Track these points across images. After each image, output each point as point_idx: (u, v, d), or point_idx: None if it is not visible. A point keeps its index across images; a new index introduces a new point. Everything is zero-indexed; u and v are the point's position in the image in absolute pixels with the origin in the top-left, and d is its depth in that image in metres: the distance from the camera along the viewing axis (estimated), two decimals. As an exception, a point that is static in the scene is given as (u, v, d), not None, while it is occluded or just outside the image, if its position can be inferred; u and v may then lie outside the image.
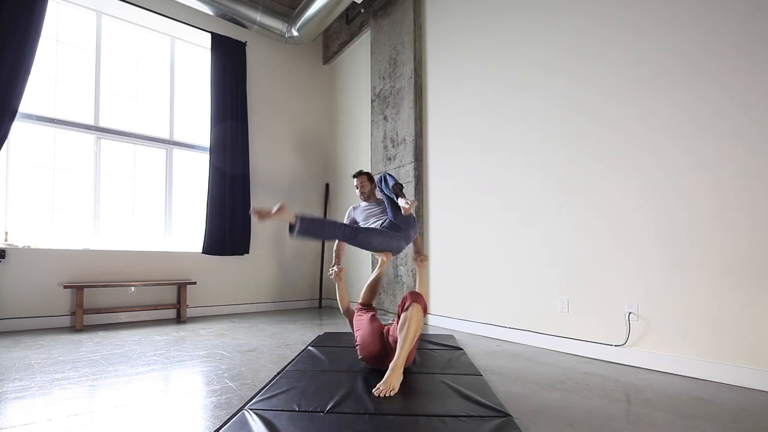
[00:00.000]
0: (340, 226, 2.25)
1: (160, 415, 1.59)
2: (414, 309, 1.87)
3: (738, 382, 2.01)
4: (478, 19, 3.53)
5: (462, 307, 3.56)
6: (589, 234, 2.66)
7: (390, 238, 2.37)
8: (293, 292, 5.18)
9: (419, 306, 1.89)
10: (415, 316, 1.86)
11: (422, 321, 1.90)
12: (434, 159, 3.92)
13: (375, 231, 2.34)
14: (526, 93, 3.10)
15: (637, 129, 2.44)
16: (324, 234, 2.28)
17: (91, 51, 4.10)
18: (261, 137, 5.01)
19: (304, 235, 2.15)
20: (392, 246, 2.40)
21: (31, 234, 3.70)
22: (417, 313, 1.87)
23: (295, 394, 1.71)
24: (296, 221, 2.05)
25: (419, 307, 1.88)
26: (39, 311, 3.53)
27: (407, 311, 1.89)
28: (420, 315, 1.88)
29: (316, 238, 2.33)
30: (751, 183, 2.02)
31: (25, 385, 1.96)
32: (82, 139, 3.99)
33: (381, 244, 2.35)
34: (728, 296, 2.07)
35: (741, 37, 2.07)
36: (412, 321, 1.85)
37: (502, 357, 2.60)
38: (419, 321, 1.87)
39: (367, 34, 4.90)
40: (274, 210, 2.00)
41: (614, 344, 2.49)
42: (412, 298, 1.92)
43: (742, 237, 2.03)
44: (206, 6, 4.37)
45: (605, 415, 1.62)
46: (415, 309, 1.87)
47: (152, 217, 4.37)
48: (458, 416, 1.50)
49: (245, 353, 2.65)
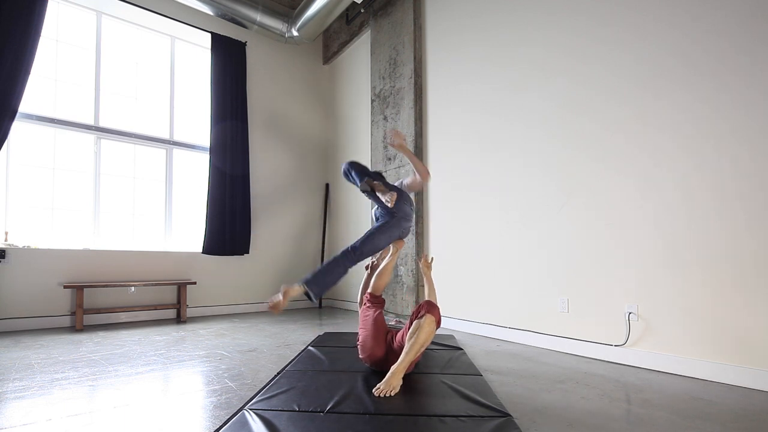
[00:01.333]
0: (341, 259, 2.23)
1: (160, 415, 1.59)
2: (427, 320, 1.83)
3: (738, 382, 2.01)
4: (478, 18, 3.53)
5: (462, 307, 3.56)
6: (589, 234, 2.66)
7: (391, 228, 2.30)
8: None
9: (433, 318, 1.85)
10: (427, 327, 1.82)
11: (433, 333, 1.86)
12: (434, 159, 3.92)
13: (373, 235, 2.29)
14: (526, 93, 3.10)
15: (637, 129, 2.44)
16: (335, 275, 2.24)
17: (91, 51, 4.10)
18: (261, 137, 5.01)
19: (323, 290, 2.18)
20: (398, 234, 2.34)
21: (31, 234, 3.70)
22: (430, 324, 1.83)
23: (295, 394, 1.71)
24: (306, 289, 2.13)
25: (433, 319, 1.84)
26: (39, 311, 3.53)
27: (421, 319, 1.85)
28: (432, 327, 1.84)
29: (334, 283, 2.25)
30: (752, 183, 2.02)
31: (25, 385, 1.96)
32: (82, 139, 3.99)
33: (387, 239, 2.31)
34: (728, 296, 2.07)
35: (741, 37, 2.07)
36: (423, 331, 1.82)
37: (502, 357, 2.60)
38: (430, 333, 1.84)
39: (367, 34, 4.91)
40: (281, 298, 2.09)
41: (614, 344, 2.49)
42: (428, 308, 1.88)
43: (742, 237, 2.03)
44: (206, 6, 4.37)
45: (605, 415, 1.62)
46: (428, 320, 1.83)
47: (152, 217, 4.37)
48: (458, 416, 1.50)
49: (245, 353, 2.65)
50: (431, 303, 1.91)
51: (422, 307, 1.89)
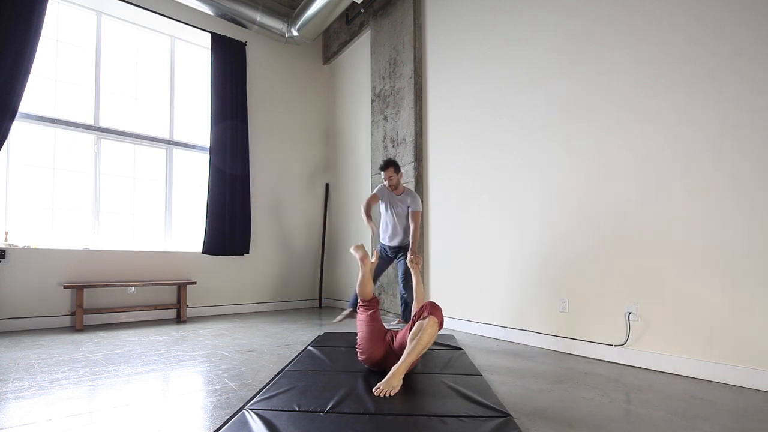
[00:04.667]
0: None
1: (160, 415, 1.59)
2: (430, 321, 1.83)
3: (738, 382, 2.01)
4: (478, 18, 3.53)
5: (462, 307, 3.56)
6: (589, 234, 2.66)
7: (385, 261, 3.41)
8: (293, 292, 5.18)
9: (436, 320, 1.85)
10: (429, 329, 1.82)
11: (435, 335, 1.86)
12: (434, 159, 3.92)
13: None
14: (526, 93, 3.10)
15: (637, 129, 2.44)
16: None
17: (91, 51, 4.09)
18: (261, 137, 5.01)
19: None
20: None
21: (31, 234, 3.70)
22: (432, 326, 1.83)
23: (295, 394, 1.71)
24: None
25: (435, 321, 1.85)
26: (39, 311, 3.53)
27: (424, 321, 1.85)
28: (435, 329, 1.84)
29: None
30: (750, 183, 2.02)
31: (25, 385, 1.96)
32: (82, 139, 3.99)
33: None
34: (728, 296, 2.07)
35: (742, 36, 2.07)
36: (425, 333, 1.82)
37: (502, 357, 2.60)
38: (432, 335, 1.84)
39: (367, 34, 4.90)
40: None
41: (614, 344, 2.49)
42: (431, 310, 1.88)
43: (742, 237, 2.03)
44: (206, 6, 4.37)
45: (605, 415, 1.62)
46: (431, 322, 1.83)
47: (152, 217, 4.37)
48: (458, 416, 1.50)
49: (245, 353, 2.65)
50: (434, 305, 1.91)
51: (425, 308, 1.89)
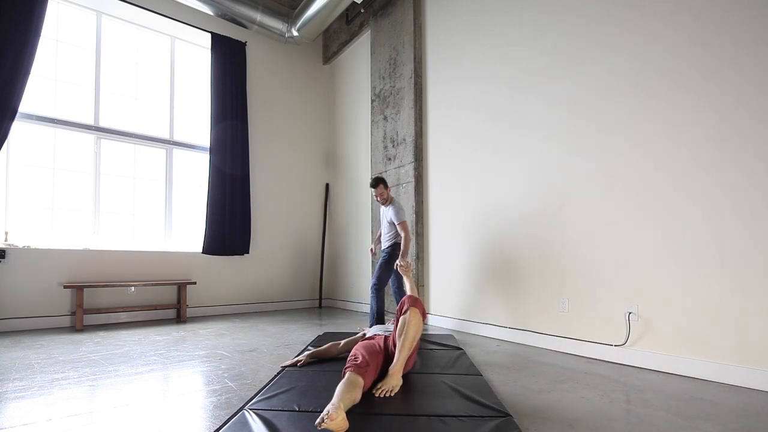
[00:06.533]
0: (380, 302, 3.27)
1: (160, 415, 1.59)
2: (412, 313, 1.88)
3: (738, 382, 2.01)
4: (478, 18, 3.53)
5: (462, 307, 3.56)
6: (589, 234, 2.66)
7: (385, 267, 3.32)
8: (293, 292, 5.18)
9: (417, 311, 1.89)
10: (413, 320, 1.86)
11: (421, 325, 1.90)
12: (434, 159, 3.92)
13: (382, 270, 3.32)
14: (526, 93, 3.10)
15: (637, 130, 2.44)
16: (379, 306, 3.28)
17: (91, 51, 4.10)
18: (261, 137, 5.01)
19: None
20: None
21: (31, 234, 3.70)
22: (415, 316, 1.87)
23: (295, 394, 1.71)
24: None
25: (417, 311, 1.89)
26: (39, 311, 3.53)
27: (406, 315, 1.89)
28: (418, 319, 1.87)
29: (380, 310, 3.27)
30: (751, 183, 2.01)
31: (25, 385, 1.96)
32: (82, 139, 3.99)
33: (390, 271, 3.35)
34: (728, 296, 2.07)
35: (743, 36, 2.07)
36: (410, 325, 1.85)
37: (502, 357, 2.60)
38: (417, 325, 1.87)
39: (367, 34, 4.90)
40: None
41: (614, 344, 2.49)
42: (410, 302, 1.93)
43: (742, 237, 2.03)
44: (206, 6, 4.37)
45: (605, 415, 1.62)
46: (412, 313, 1.88)
47: (152, 217, 4.37)
48: (458, 416, 1.50)
49: (245, 353, 2.65)
50: (412, 297, 1.95)
51: (405, 303, 1.94)
